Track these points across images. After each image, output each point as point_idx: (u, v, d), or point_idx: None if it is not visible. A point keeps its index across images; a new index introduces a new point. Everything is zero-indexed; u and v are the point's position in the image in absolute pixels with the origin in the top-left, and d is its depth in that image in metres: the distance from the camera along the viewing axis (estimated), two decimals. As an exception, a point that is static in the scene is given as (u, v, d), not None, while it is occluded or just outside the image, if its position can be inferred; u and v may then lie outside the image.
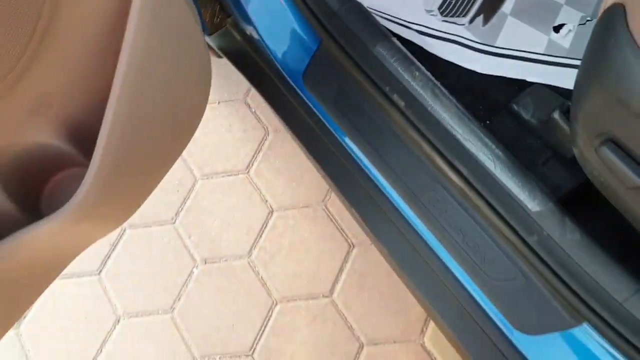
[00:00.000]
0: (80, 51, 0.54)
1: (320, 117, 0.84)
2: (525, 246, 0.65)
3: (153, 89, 0.57)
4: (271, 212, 1.29)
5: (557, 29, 0.85)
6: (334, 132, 0.83)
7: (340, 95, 0.82)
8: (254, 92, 1.43)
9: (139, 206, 0.66)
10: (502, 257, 0.68)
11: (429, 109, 0.73)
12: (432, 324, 1.13)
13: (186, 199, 1.34)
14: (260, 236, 1.28)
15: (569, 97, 0.65)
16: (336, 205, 1.27)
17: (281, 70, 0.87)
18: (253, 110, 1.42)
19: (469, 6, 0.90)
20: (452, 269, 0.71)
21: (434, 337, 1.12)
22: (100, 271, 1.30)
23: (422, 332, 1.13)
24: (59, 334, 1.26)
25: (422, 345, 1.13)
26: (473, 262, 0.69)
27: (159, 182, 0.66)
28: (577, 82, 0.59)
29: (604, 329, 0.61)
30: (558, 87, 0.78)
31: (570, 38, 0.83)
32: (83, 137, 0.59)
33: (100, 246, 1.32)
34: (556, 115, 0.68)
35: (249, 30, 0.90)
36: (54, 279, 0.66)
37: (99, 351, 1.23)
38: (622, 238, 0.65)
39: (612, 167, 0.56)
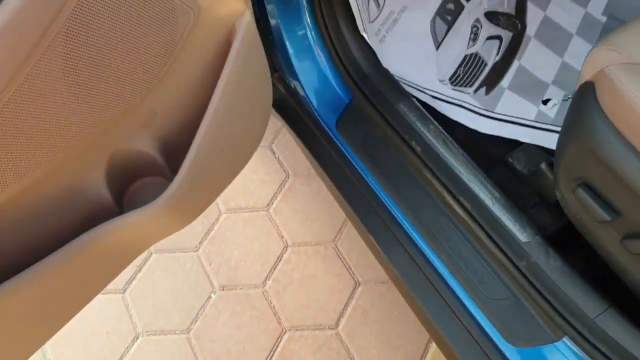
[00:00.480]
0: (184, 82, 0.70)
1: (349, 158, 1.00)
2: (516, 270, 0.79)
3: (233, 118, 0.73)
4: (286, 247, 1.42)
5: (545, 102, 1.04)
6: (359, 171, 0.98)
7: (367, 140, 0.98)
8: (279, 140, 1.60)
9: (207, 206, 0.80)
10: (496, 279, 0.81)
11: (440, 155, 0.89)
12: (429, 356, 1.23)
13: (210, 230, 1.47)
14: (275, 268, 1.39)
15: (553, 155, 0.81)
16: (345, 245, 1.41)
17: (318, 118, 1.04)
18: (277, 156, 1.58)
19: (474, 79, 1.09)
20: (454, 288, 0.84)
21: (430, 370, 1.22)
22: (125, 290, 1.40)
23: (420, 365, 1.23)
24: (81, 347, 1.34)
25: (419, 378, 1.22)
26: (472, 283, 0.83)
27: (223, 190, 0.80)
28: (559, 139, 0.76)
29: (580, 341, 0.73)
30: (545, 148, 0.95)
31: (555, 110, 1.02)
32: (171, 151, 0.74)
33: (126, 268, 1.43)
34: (543, 166, 0.85)
35: (294, 84, 1.08)
36: (123, 268, 0.79)
37: (117, 365, 1.31)
38: (596, 267, 0.79)
39: (585, 204, 0.71)
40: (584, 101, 0.70)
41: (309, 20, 0.99)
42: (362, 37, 0.98)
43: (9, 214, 0.58)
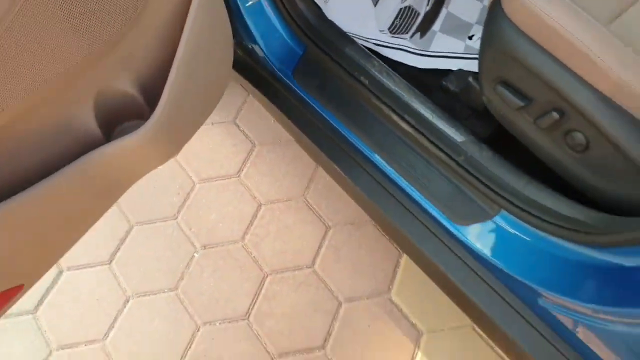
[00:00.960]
0: (155, 25, 0.80)
1: (308, 101, 1.13)
2: (456, 164, 0.94)
3: (202, 57, 0.84)
4: (260, 205, 1.54)
5: (470, 37, 1.20)
6: (319, 111, 1.11)
7: (322, 83, 1.12)
8: (242, 115, 1.72)
9: (187, 140, 0.90)
10: (441, 176, 0.96)
11: (384, 84, 1.03)
12: (397, 281, 1.37)
13: (186, 199, 1.57)
14: (252, 224, 1.51)
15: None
16: (314, 197, 1.53)
17: (277, 72, 1.17)
18: (242, 129, 1.69)
19: (409, 27, 1.25)
20: (408, 192, 0.99)
21: (399, 292, 1.36)
22: (111, 261, 1.48)
23: (389, 289, 1.37)
24: (74, 315, 1.40)
25: (390, 300, 1.36)
26: (422, 183, 0.97)
27: (199, 127, 0.91)
28: (480, 51, 0.92)
29: (513, 209, 0.89)
30: (471, 72, 1.11)
31: (479, 42, 1.18)
32: (149, 91, 0.84)
33: (109, 240, 1.51)
34: (470, 79, 1.01)
35: (252, 46, 1.20)
36: (115, 201, 0.88)
37: (111, 327, 1.38)
38: (519, 153, 0.95)
39: (505, 98, 0.88)
40: (494, 15, 0.86)
41: (260, -18, 1.12)
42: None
43: (4, 142, 0.66)
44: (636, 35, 0.81)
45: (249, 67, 1.24)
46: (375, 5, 1.27)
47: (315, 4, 1.13)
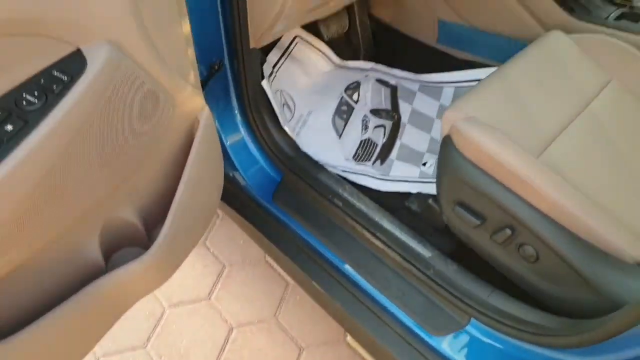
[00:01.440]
0: (160, 163, 0.91)
1: (287, 223, 1.23)
2: (426, 277, 1.04)
3: (198, 189, 0.94)
4: (231, 329, 1.54)
5: (424, 164, 1.38)
6: (297, 231, 1.21)
7: (300, 206, 1.23)
8: (211, 236, 1.78)
9: (181, 264, 0.96)
10: (413, 288, 1.06)
11: (356, 206, 1.16)
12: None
13: (156, 326, 1.55)
14: (224, 349, 1.50)
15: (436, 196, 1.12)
16: (285, 318, 1.57)
17: (257, 197, 1.28)
18: (212, 251, 1.75)
19: (371, 156, 1.42)
20: (384, 305, 1.07)
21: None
22: (74, 398, 1.40)
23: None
24: None
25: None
26: (397, 295, 1.06)
27: (194, 247, 0.98)
28: (437, 178, 1.07)
29: (482, 318, 0.98)
30: (429, 195, 1.27)
31: (432, 168, 1.36)
32: (148, 220, 0.91)
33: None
34: (430, 201, 1.15)
35: (232, 174, 1.32)
36: (114, 322, 0.91)
37: None
38: (481, 265, 1.06)
39: (463, 217, 1.01)
40: (447, 148, 1.03)
41: (240, 119, 1.27)
42: (284, 130, 1.28)
43: (21, 274, 0.72)
44: (562, 165, 0.99)
45: (231, 193, 1.34)
46: (340, 137, 1.45)
47: (292, 139, 1.28)
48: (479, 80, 1.54)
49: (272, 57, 1.48)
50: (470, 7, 1.47)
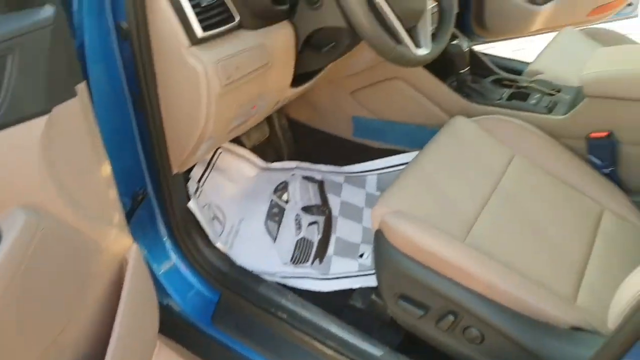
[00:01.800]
0: (90, 315, 0.86)
1: (229, 344, 1.19)
2: (381, 376, 1.03)
3: (132, 332, 0.89)
4: None
5: (361, 256, 1.41)
6: (241, 351, 1.17)
7: (242, 324, 1.20)
8: None
9: None
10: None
11: (302, 315, 1.15)
12: None
13: None
14: None
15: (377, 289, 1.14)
16: None
17: (195, 321, 1.23)
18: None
19: (308, 256, 1.43)
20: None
21: None
22: None
23: None
24: None
25: None
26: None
27: None
28: (376, 274, 1.09)
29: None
30: (370, 287, 1.28)
31: (369, 259, 1.39)
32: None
33: None
34: (373, 297, 1.17)
35: (167, 302, 1.27)
36: None
37: None
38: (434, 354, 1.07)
39: (406, 309, 1.03)
40: (380, 243, 1.07)
41: (170, 245, 1.25)
42: (216, 247, 1.27)
43: None
44: (487, 244, 1.05)
45: (166, 323, 1.28)
46: (275, 241, 1.46)
47: (225, 254, 1.27)
48: (396, 165, 1.64)
49: (196, 172, 1.50)
50: (381, 104, 1.59)
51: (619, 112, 1.28)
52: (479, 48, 2.19)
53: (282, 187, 1.62)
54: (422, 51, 0.98)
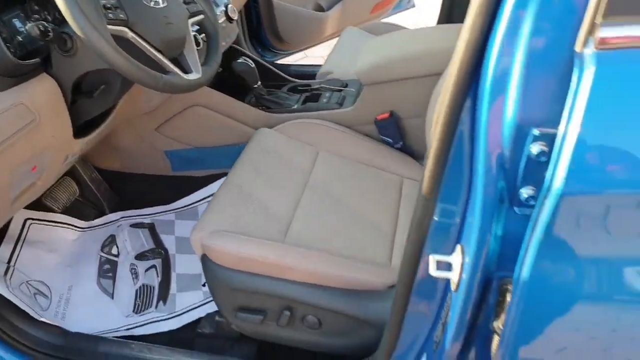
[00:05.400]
0: None
1: None
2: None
3: None
4: None
5: (203, 285, 1.45)
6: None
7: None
8: None
9: None
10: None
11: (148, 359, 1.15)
12: None
13: None
14: None
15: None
16: None
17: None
18: None
19: (151, 301, 1.42)
20: None
21: None
22: None
23: None
24: None
25: None
26: None
27: None
28: (213, 296, 1.14)
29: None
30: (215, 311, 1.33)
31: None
32: None
33: None
34: (217, 317, 1.22)
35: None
36: None
37: None
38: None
39: (246, 320, 1.10)
40: (207, 266, 1.12)
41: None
42: (43, 321, 1.20)
43: None
44: (306, 236, 1.16)
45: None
46: (112, 297, 1.43)
47: (56, 326, 1.21)
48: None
49: (3, 251, 1.40)
50: (189, 133, 1.65)
51: (393, 93, 1.50)
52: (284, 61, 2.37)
53: (109, 242, 1.59)
54: (193, 76, 1.06)
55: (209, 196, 1.74)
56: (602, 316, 0.54)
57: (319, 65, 2.01)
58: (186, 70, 1.07)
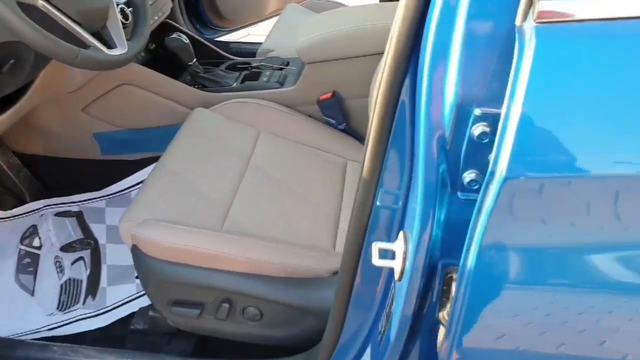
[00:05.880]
0: None
1: None
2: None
3: None
4: None
5: (137, 277, 1.37)
6: None
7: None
8: None
9: None
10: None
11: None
12: None
13: None
14: None
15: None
16: None
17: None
18: None
19: (78, 296, 1.34)
20: None
21: None
22: None
23: None
24: None
25: None
26: None
27: None
28: (143, 287, 1.08)
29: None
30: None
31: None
32: None
33: None
34: (151, 312, 1.16)
35: None
36: None
37: None
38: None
39: (182, 314, 1.05)
40: (138, 257, 1.05)
41: None
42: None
43: None
44: (245, 223, 1.11)
45: None
46: (33, 294, 1.33)
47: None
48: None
49: None
50: (119, 114, 1.55)
51: (336, 72, 1.46)
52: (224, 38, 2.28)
53: (30, 233, 1.47)
54: (118, 51, 0.98)
55: (142, 181, 1.65)
56: (538, 301, 0.54)
57: (260, 44, 1.94)
58: (110, 45, 0.98)
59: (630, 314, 0.52)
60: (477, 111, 0.47)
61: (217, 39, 2.18)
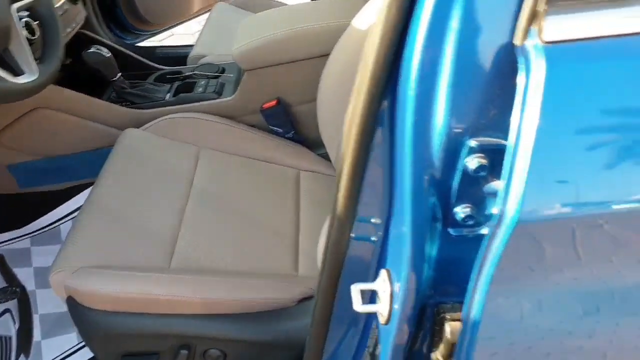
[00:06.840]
0: None
1: None
2: None
3: None
4: None
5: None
6: None
7: None
8: None
9: None
10: None
11: None
12: None
13: None
14: None
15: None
16: None
17: None
18: None
19: (8, 356, 1.19)
20: None
21: None
22: None
23: None
24: None
25: None
26: None
27: None
28: (85, 342, 0.96)
29: None
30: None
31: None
32: None
33: None
34: None
35: None
36: None
37: None
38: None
39: None
40: (75, 310, 0.94)
41: None
42: None
43: None
44: (194, 255, 1.02)
45: None
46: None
47: None
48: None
49: None
50: (36, 142, 1.40)
51: (277, 78, 1.38)
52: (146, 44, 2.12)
53: (-58, 287, 1.31)
54: (27, 77, 0.85)
55: (74, 210, 1.51)
56: (550, 347, 0.49)
57: (190, 46, 1.83)
58: (16, 72, 0.85)
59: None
60: (471, 142, 0.41)
61: (140, 45, 2.04)
